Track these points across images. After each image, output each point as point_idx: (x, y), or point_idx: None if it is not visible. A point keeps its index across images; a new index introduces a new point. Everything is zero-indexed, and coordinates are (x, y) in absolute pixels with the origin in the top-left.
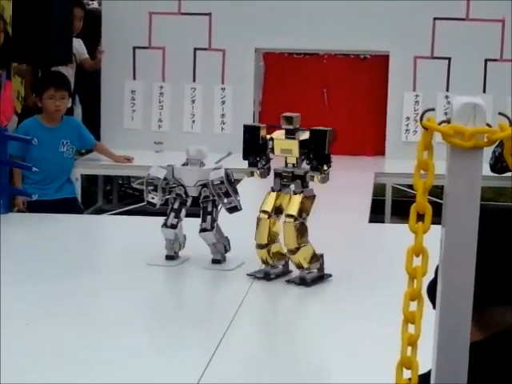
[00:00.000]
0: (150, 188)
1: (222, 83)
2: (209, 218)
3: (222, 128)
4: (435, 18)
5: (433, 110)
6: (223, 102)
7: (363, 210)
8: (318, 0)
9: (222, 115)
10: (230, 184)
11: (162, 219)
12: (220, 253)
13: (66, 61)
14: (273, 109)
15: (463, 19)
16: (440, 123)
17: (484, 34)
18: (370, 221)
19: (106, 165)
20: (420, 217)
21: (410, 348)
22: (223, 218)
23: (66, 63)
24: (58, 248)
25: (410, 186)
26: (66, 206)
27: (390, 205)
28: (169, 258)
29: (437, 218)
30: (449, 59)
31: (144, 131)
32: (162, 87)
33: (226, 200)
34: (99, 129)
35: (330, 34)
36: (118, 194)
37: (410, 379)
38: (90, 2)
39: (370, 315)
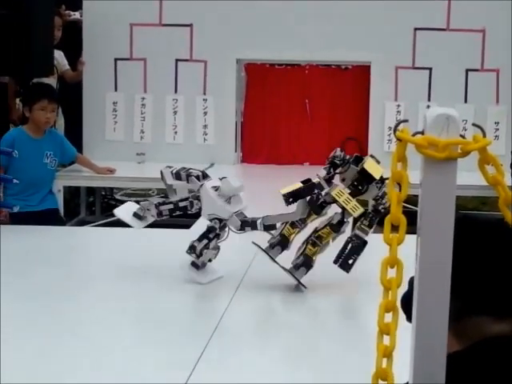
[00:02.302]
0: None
1: (204, 94)
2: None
3: (205, 139)
4: (416, 29)
5: (407, 121)
6: (205, 113)
7: None
8: (300, 11)
9: (204, 126)
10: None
11: (144, 230)
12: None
13: (48, 72)
14: (255, 119)
15: (444, 29)
16: (414, 134)
17: (465, 44)
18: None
19: (89, 176)
20: (395, 228)
21: (385, 359)
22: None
23: (48, 74)
24: (42, 260)
25: None
26: (49, 217)
27: None
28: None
29: (413, 227)
30: (430, 69)
31: (126, 142)
32: (143, 98)
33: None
34: (81, 140)
35: (312, 45)
36: (100, 206)
37: None
38: (72, 13)
39: (347, 326)
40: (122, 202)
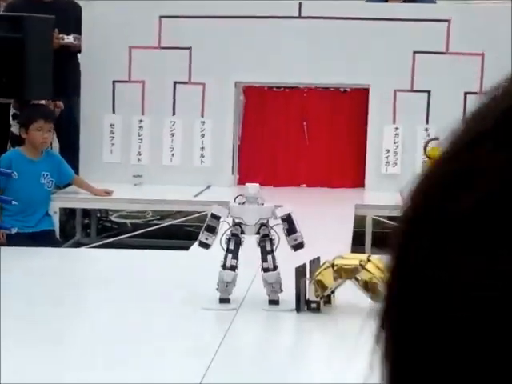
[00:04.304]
0: (206, 229)
1: (202, 117)
2: (269, 257)
3: (202, 161)
4: (415, 52)
5: (437, 139)
6: (203, 135)
7: (345, 242)
8: (299, 35)
9: (202, 148)
10: (292, 222)
11: (140, 252)
12: (277, 293)
13: (47, 94)
14: (252, 143)
15: (443, 53)
16: None
17: (464, 68)
18: (352, 252)
19: (85, 198)
20: None
21: None
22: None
23: (47, 97)
24: (41, 282)
25: (390, 218)
26: (45, 238)
27: (371, 236)
28: (223, 301)
29: None
30: (428, 92)
31: (123, 164)
32: (141, 121)
33: (290, 237)
34: (77, 163)
35: (310, 68)
36: (96, 228)
37: None
38: (66, 37)
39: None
40: (118, 224)
